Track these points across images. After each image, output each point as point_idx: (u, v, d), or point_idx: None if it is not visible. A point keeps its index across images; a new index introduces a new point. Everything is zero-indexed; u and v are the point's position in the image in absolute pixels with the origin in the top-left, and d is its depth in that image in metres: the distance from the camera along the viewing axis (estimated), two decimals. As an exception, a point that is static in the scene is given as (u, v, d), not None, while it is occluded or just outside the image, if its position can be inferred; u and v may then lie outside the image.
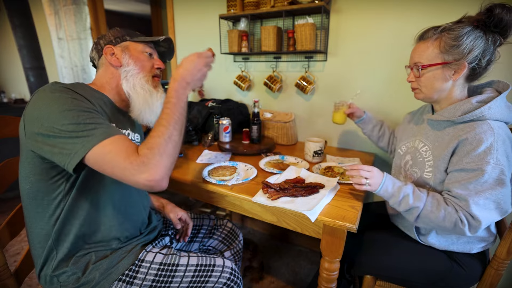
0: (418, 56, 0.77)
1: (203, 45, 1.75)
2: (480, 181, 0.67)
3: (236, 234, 1.07)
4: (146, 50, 0.78)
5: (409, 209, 0.73)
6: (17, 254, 1.61)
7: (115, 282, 0.67)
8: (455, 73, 0.74)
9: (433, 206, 0.71)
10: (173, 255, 0.76)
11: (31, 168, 0.63)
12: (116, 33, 0.76)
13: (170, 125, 0.62)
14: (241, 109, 1.59)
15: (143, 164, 0.55)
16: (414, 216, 0.73)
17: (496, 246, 0.78)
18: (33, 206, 0.66)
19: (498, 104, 0.71)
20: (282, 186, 0.87)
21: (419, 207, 0.71)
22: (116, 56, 0.74)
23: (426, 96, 0.81)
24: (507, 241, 0.74)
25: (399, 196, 0.74)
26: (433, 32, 0.75)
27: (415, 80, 0.81)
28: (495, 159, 0.66)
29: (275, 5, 1.31)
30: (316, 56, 1.39)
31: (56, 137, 0.55)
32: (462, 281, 0.80)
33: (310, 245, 1.70)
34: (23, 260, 0.82)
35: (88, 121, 0.57)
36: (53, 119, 0.55)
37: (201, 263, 0.77)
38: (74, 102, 0.58)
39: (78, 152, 0.54)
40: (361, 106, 1.36)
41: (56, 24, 2.45)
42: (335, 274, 0.80)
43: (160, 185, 0.58)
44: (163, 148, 0.59)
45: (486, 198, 0.67)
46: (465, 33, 0.69)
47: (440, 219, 0.69)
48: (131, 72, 0.74)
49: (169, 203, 0.99)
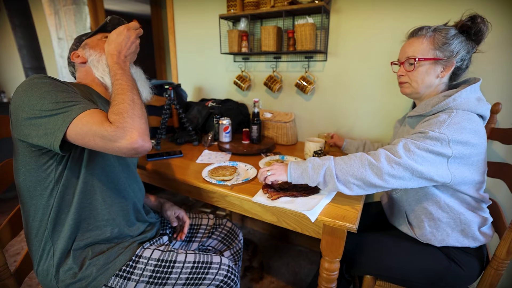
0: (413, 51, 0.80)
1: (203, 45, 1.75)
2: (419, 136, 0.71)
3: (236, 233, 1.06)
4: (103, 38, 0.80)
5: (323, 172, 0.74)
6: (17, 254, 1.61)
7: (112, 278, 0.68)
8: (443, 70, 0.79)
9: (343, 157, 0.75)
10: (170, 251, 0.76)
11: (22, 159, 0.64)
12: (75, 41, 0.82)
13: (128, 91, 0.63)
14: (241, 109, 1.59)
15: (118, 129, 0.56)
16: (333, 177, 0.73)
17: (496, 246, 0.78)
18: (28, 199, 0.67)
19: (464, 96, 0.74)
20: (282, 186, 0.87)
21: (330, 163, 0.74)
22: (80, 55, 0.79)
23: (414, 91, 0.84)
24: (507, 241, 0.74)
25: (307, 166, 0.76)
26: (426, 30, 0.80)
27: (405, 74, 0.84)
28: (440, 129, 0.69)
29: (275, 5, 1.31)
30: (316, 56, 1.40)
31: (38, 118, 0.57)
32: (461, 280, 0.80)
33: (310, 245, 1.70)
34: (23, 260, 0.82)
35: (67, 99, 0.58)
36: (34, 102, 0.57)
37: (198, 260, 0.77)
38: (52, 85, 0.60)
39: (60, 127, 0.56)
40: (361, 106, 1.37)
41: (56, 24, 2.45)
42: (335, 274, 0.80)
43: (142, 146, 0.58)
44: (131, 111, 0.60)
45: (418, 148, 0.69)
46: (454, 35, 0.77)
47: (353, 165, 0.72)
48: (95, 59, 0.77)
49: (167, 201, 0.99)
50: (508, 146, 1.08)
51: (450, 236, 0.80)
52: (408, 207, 0.86)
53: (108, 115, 0.59)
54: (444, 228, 0.81)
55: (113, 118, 0.58)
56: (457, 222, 0.79)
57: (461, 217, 0.79)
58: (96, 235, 0.71)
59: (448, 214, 0.79)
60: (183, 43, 1.85)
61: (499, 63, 1.03)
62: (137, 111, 0.61)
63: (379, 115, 1.32)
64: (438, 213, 0.80)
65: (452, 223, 0.80)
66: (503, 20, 0.99)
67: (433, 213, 0.80)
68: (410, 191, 0.84)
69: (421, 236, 0.84)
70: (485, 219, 0.80)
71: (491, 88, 1.06)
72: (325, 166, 0.74)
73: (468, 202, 0.79)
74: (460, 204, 0.79)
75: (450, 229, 0.81)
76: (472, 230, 0.79)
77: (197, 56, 1.80)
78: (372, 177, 0.70)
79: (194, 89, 1.91)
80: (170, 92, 1.29)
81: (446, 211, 0.79)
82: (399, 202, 0.89)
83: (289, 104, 1.56)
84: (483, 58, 1.03)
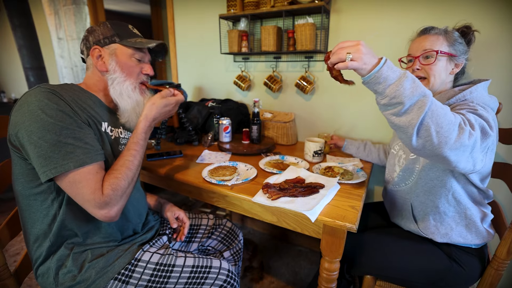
0: (431, 44, 0.81)
1: (203, 45, 1.75)
2: (470, 110, 0.68)
3: (236, 234, 1.06)
4: (135, 56, 0.76)
5: (418, 98, 0.56)
6: (17, 254, 1.61)
7: (111, 281, 0.67)
8: (455, 67, 0.82)
9: (438, 102, 0.59)
10: (169, 255, 0.76)
11: (19, 170, 0.64)
12: (105, 32, 0.73)
13: (135, 168, 0.68)
14: (241, 109, 1.59)
15: (105, 203, 0.60)
16: (422, 112, 0.55)
17: (496, 246, 0.78)
18: (26, 206, 0.66)
19: (479, 90, 0.76)
20: (282, 186, 0.87)
21: (429, 96, 0.57)
22: (103, 60, 0.73)
23: (431, 88, 0.83)
24: (507, 241, 0.74)
25: (407, 77, 0.56)
26: (439, 29, 0.83)
27: (421, 68, 0.83)
28: (477, 107, 0.69)
29: (275, 5, 1.31)
30: (316, 56, 1.39)
31: (35, 147, 0.57)
32: (462, 280, 0.80)
33: (310, 245, 1.70)
34: (23, 260, 0.82)
35: (69, 140, 0.59)
36: (35, 130, 0.57)
37: (197, 264, 0.76)
38: (58, 116, 0.59)
39: (51, 171, 0.57)
40: (361, 106, 1.36)
41: (56, 24, 2.45)
42: (335, 274, 0.80)
43: (112, 220, 0.63)
44: (124, 190, 0.65)
45: (475, 120, 0.63)
46: (460, 36, 0.82)
47: (447, 118, 0.56)
48: (118, 80, 0.74)
49: (167, 202, 0.99)
50: (508, 146, 1.08)
51: (453, 230, 0.81)
52: (415, 199, 0.86)
53: (106, 184, 0.62)
54: (449, 222, 0.81)
55: (108, 192, 0.61)
56: (462, 217, 0.80)
57: (467, 212, 0.80)
58: (96, 240, 0.71)
59: (454, 208, 0.80)
60: (183, 43, 1.85)
61: (499, 63, 1.03)
62: (129, 190, 0.67)
63: (379, 115, 1.32)
64: (445, 207, 0.81)
65: (457, 217, 0.81)
66: (502, 21, 0.99)
67: (439, 207, 0.81)
68: (420, 182, 0.84)
69: (424, 230, 0.84)
70: (487, 215, 0.81)
71: (491, 88, 1.06)
72: (425, 93, 0.56)
73: (474, 196, 0.80)
74: (468, 198, 0.80)
75: (455, 224, 0.81)
76: (476, 225, 0.80)
77: (197, 56, 1.80)
78: (451, 141, 0.56)
79: (194, 89, 1.91)
80: (170, 92, 1.29)
81: (453, 205, 0.80)
82: (405, 195, 0.90)
83: (289, 104, 1.56)
84: (483, 58, 1.03)
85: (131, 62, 0.76)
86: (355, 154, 1.22)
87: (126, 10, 4.70)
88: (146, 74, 0.79)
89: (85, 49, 0.75)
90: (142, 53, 0.78)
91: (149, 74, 0.80)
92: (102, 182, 0.62)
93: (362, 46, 0.58)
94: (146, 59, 0.80)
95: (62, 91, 0.63)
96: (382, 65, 0.57)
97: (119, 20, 0.81)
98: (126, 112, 0.76)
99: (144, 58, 0.79)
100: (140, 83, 0.79)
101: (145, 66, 0.79)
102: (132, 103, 0.76)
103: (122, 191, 0.63)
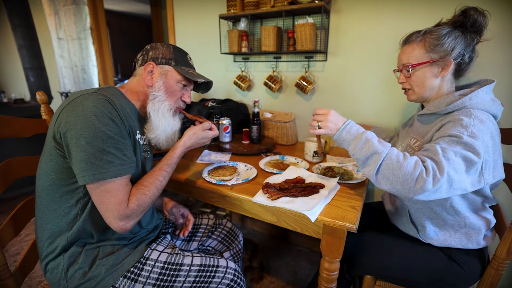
0: (407, 58, 0.82)
1: (203, 45, 1.75)
2: (453, 140, 0.67)
3: (236, 234, 1.06)
4: (182, 82, 0.81)
5: (371, 155, 0.69)
6: (17, 254, 1.61)
7: (120, 279, 0.68)
8: (442, 69, 0.79)
9: (398, 155, 0.66)
10: (177, 254, 0.77)
11: (53, 166, 0.65)
12: (166, 53, 0.79)
13: (161, 188, 0.72)
14: (241, 109, 1.59)
15: (127, 215, 0.63)
16: (375, 167, 0.67)
17: (496, 246, 0.78)
18: (49, 202, 0.67)
19: (480, 96, 0.74)
20: (282, 186, 0.87)
21: (382, 153, 0.67)
22: (152, 76, 0.78)
23: (418, 96, 0.85)
24: (507, 241, 0.74)
25: (361, 138, 0.71)
26: (416, 36, 0.81)
27: (405, 81, 0.86)
28: (469, 132, 0.67)
29: (275, 5, 1.31)
30: (316, 56, 1.39)
31: (81, 151, 0.59)
32: (462, 280, 0.80)
33: (310, 245, 1.70)
34: (23, 260, 0.81)
35: (112, 150, 0.62)
36: (85, 134, 0.59)
37: (204, 263, 0.77)
38: (109, 125, 0.62)
39: (89, 176, 0.60)
40: (361, 106, 1.36)
41: (56, 24, 2.45)
42: (335, 274, 0.80)
43: (125, 232, 0.66)
44: (147, 207, 0.68)
45: (455, 154, 0.64)
46: (446, 33, 0.77)
47: (403, 171, 0.64)
48: (159, 98, 0.78)
49: (171, 200, 1.00)
50: (508, 146, 1.07)
51: (453, 236, 0.80)
52: (412, 205, 0.85)
53: (133, 198, 0.65)
54: (448, 229, 0.81)
55: (133, 207, 0.64)
56: (462, 225, 0.79)
57: (466, 221, 0.78)
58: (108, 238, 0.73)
59: (453, 217, 0.79)
60: (183, 43, 1.85)
61: (498, 63, 1.03)
62: (149, 205, 0.69)
63: (379, 115, 1.32)
64: (443, 215, 0.80)
65: (457, 226, 0.80)
66: (503, 20, 0.99)
67: (438, 213, 0.80)
68: None
69: (423, 235, 0.84)
70: (489, 221, 0.80)
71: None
72: (376, 151, 0.68)
73: (475, 204, 0.79)
74: (467, 207, 0.78)
75: (454, 231, 0.80)
76: (477, 233, 0.79)
77: (197, 56, 1.80)
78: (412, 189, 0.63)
79: (194, 89, 1.91)
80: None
81: (452, 214, 0.79)
82: (402, 201, 0.89)
83: (289, 104, 1.56)
84: (483, 58, 1.03)
85: (177, 87, 0.81)
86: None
87: (126, 10, 4.70)
88: (184, 101, 0.86)
89: (141, 60, 0.80)
90: (188, 82, 0.84)
91: (186, 102, 0.86)
92: (129, 195, 0.65)
93: (330, 116, 0.77)
94: (189, 88, 0.86)
95: (115, 98, 0.67)
96: (341, 131, 0.75)
97: (119, 20, 0.82)
98: (156, 130, 0.79)
99: (188, 87, 0.85)
100: (176, 107, 0.84)
101: (185, 94, 0.85)
102: (165, 122, 0.80)
103: (144, 208, 0.67)
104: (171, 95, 0.80)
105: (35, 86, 2.84)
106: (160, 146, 0.83)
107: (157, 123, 0.79)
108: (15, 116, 0.82)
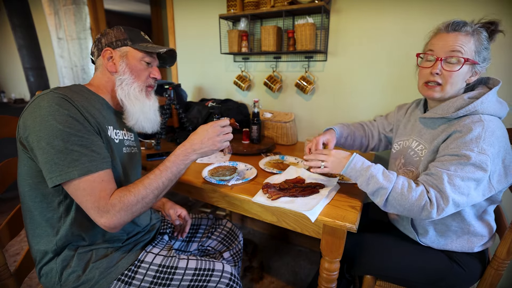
0: (460, 47, 0.70)
1: (203, 45, 1.75)
2: (461, 163, 0.66)
3: (236, 234, 1.06)
4: (145, 59, 0.77)
5: (377, 190, 0.70)
6: (17, 254, 1.61)
7: (114, 282, 0.68)
8: (472, 75, 0.74)
9: (403, 187, 0.68)
10: (172, 257, 0.76)
11: (27, 171, 0.64)
12: (118, 35, 0.74)
13: (150, 188, 0.66)
14: (241, 109, 1.59)
15: (107, 211, 0.60)
16: (383, 199, 0.70)
17: (496, 246, 0.78)
18: (31, 208, 0.66)
19: (490, 99, 0.71)
20: (282, 186, 0.87)
21: (388, 188, 0.69)
22: (114, 61, 0.74)
23: (444, 96, 0.75)
24: (507, 241, 0.74)
25: (367, 174, 0.72)
26: (471, 26, 0.70)
27: (441, 73, 0.73)
28: (480, 147, 0.65)
29: (275, 5, 1.31)
30: (316, 56, 1.39)
31: (43, 152, 0.57)
32: (462, 280, 0.80)
33: (310, 245, 1.70)
34: (23, 260, 0.82)
35: (75, 147, 0.59)
36: (44, 136, 0.57)
37: (200, 267, 0.76)
38: (67, 122, 0.59)
39: (56, 177, 0.58)
40: (361, 106, 1.36)
41: (56, 24, 2.45)
42: (335, 274, 0.80)
43: (112, 231, 0.62)
44: (131, 206, 0.63)
45: (462, 180, 0.65)
46: (487, 39, 0.72)
47: (409, 203, 0.67)
48: (126, 81, 0.75)
49: (169, 201, 0.99)
50: (508, 146, 1.07)
51: (454, 242, 0.80)
52: None
53: (116, 192, 0.62)
54: (450, 235, 0.80)
55: (114, 202, 0.61)
56: (465, 231, 0.79)
57: (470, 228, 0.78)
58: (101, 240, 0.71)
59: (458, 223, 0.78)
60: (183, 43, 1.85)
61: (498, 63, 1.03)
62: (137, 208, 0.64)
63: (379, 114, 1.32)
64: (448, 221, 0.78)
65: (460, 232, 0.79)
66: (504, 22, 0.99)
67: (443, 219, 0.78)
68: None
69: (422, 239, 0.83)
70: (491, 228, 0.80)
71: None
72: (381, 186, 0.70)
73: (482, 208, 0.78)
74: (473, 213, 0.77)
75: (456, 236, 0.80)
76: (478, 241, 0.79)
77: (197, 56, 1.80)
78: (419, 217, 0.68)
79: (194, 89, 1.91)
80: (170, 92, 1.29)
81: (457, 221, 0.78)
82: None
83: (289, 104, 1.56)
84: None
85: (141, 65, 0.77)
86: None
87: (126, 10, 4.70)
88: (153, 77, 0.81)
89: (96, 50, 0.76)
90: (151, 58, 0.79)
91: (156, 78, 0.81)
92: (114, 192, 0.63)
93: (332, 157, 0.79)
94: (154, 64, 0.81)
95: (74, 95, 0.63)
96: (346, 168, 0.76)
97: (119, 20, 0.82)
98: (134, 115, 0.76)
99: (153, 63, 0.81)
100: (147, 86, 0.80)
101: (152, 70, 0.80)
102: (140, 104, 0.77)
103: (127, 205, 0.62)
104: (137, 75, 0.76)
105: (35, 86, 2.84)
106: (146, 130, 0.80)
107: (132, 108, 0.75)
108: (15, 116, 0.82)
